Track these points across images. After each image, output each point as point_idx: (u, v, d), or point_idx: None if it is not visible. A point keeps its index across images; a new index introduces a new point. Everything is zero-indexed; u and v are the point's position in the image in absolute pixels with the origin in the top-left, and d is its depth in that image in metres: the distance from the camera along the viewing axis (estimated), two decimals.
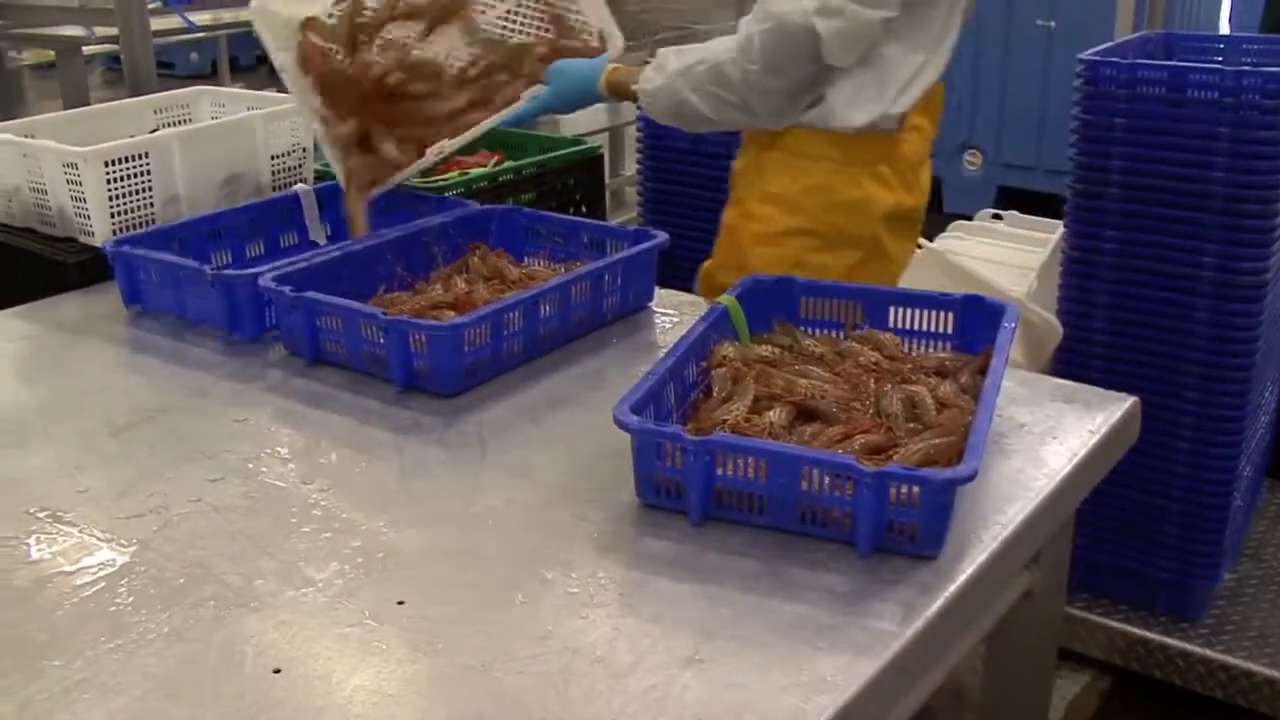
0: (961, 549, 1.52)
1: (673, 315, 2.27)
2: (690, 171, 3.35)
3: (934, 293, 2.03)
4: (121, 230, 2.56)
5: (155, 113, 3.06)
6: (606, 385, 1.99)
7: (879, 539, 1.50)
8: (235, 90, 3.46)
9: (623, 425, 1.55)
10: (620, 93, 2.40)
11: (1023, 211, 4.05)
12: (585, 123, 6.33)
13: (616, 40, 2.55)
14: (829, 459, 1.51)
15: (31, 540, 1.58)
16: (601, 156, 3.27)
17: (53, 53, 5.14)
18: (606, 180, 4.09)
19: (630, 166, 6.32)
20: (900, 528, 1.49)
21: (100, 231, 2.54)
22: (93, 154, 2.51)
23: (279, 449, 1.80)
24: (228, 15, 5.48)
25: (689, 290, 2.42)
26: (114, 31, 3.76)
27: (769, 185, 2.35)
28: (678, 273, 2.47)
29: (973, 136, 5.51)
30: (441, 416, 1.88)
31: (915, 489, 1.47)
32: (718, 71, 2.22)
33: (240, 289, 2.13)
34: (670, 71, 2.28)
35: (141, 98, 3.15)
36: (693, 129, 2.39)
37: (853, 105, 2.22)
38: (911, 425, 1.71)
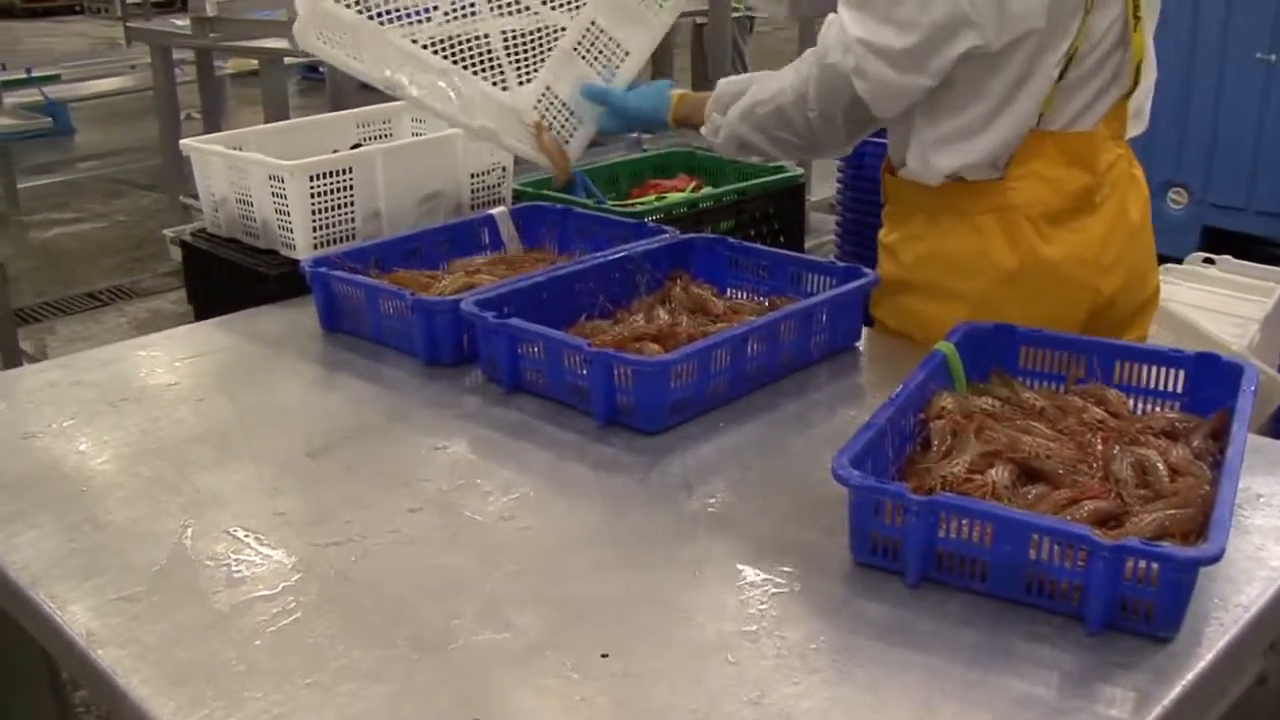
0: (1197, 631, 1.41)
1: (879, 357, 2.18)
2: None
3: (1164, 348, 1.90)
4: (322, 245, 2.57)
5: (358, 126, 3.08)
6: (813, 430, 1.91)
7: (1111, 616, 1.39)
8: None
9: (842, 480, 1.47)
10: (687, 125, 2.46)
11: (1232, 255, 3.86)
12: None
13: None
14: (1062, 528, 1.40)
15: (231, 562, 1.56)
16: (803, 185, 3.19)
17: (254, 62, 5.26)
18: None
19: (819, 191, 6.22)
20: (1134, 605, 1.39)
21: (302, 245, 2.55)
22: (298, 168, 2.52)
23: (477, 481, 1.75)
24: None
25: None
26: None
27: (882, 235, 2.31)
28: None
29: (1179, 173, 5.28)
30: (644, 455, 1.82)
31: (1155, 566, 1.36)
32: (781, 115, 2.19)
33: (440, 314, 2.10)
34: (733, 117, 2.26)
35: (345, 112, 3.17)
36: (758, 160, 2.52)
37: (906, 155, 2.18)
38: (1143, 492, 1.60)
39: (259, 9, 4.89)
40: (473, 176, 2.84)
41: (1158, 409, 1.86)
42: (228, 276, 2.71)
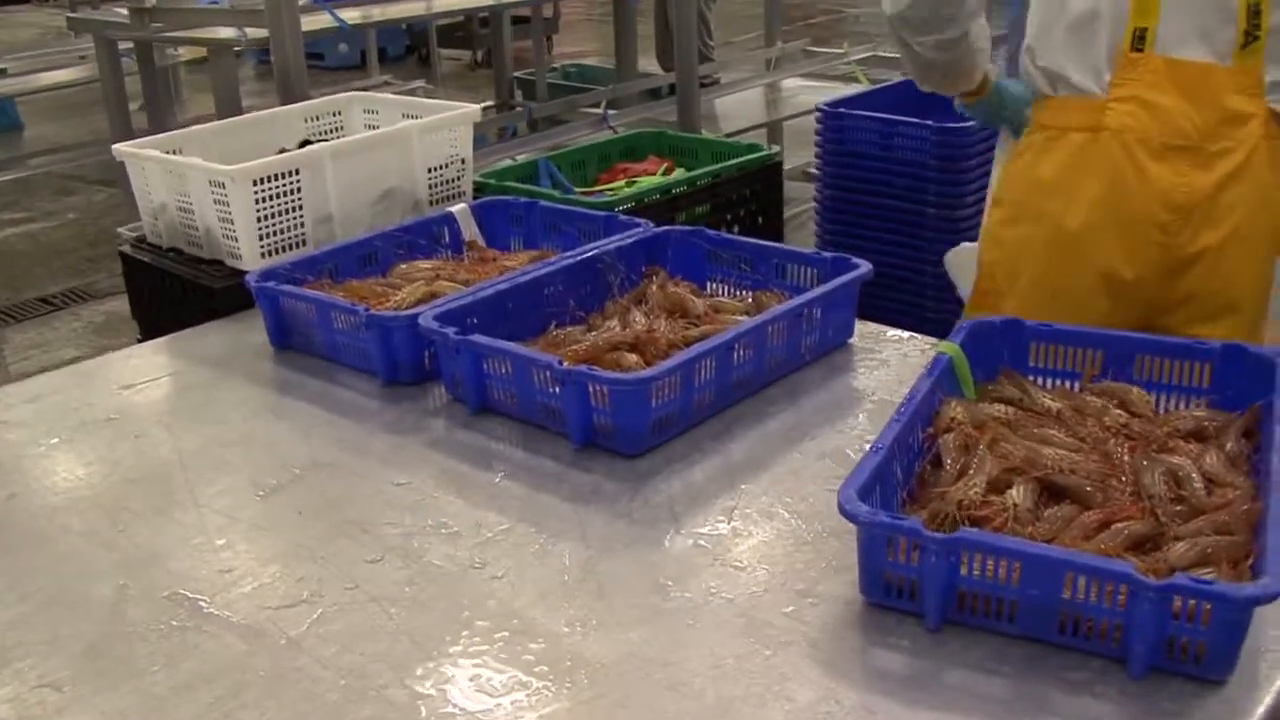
0: (1252, 672, 1.26)
1: (874, 353, 2.02)
2: (877, 179, 3.09)
3: (1187, 340, 1.74)
4: (271, 253, 2.39)
5: (306, 121, 2.90)
6: (808, 443, 1.74)
7: (1156, 659, 1.24)
8: (389, 96, 3.28)
9: (850, 516, 1.31)
10: None
11: None
12: (743, 116, 6.07)
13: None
14: (1101, 565, 1.25)
15: (171, 635, 1.39)
16: (780, 164, 3.02)
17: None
18: None
19: (791, 159, 6.05)
20: (1183, 646, 1.23)
21: (248, 255, 2.37)
22: (241, 173, 2.33)
23: (444, 521, 1.58)
24: (377, 12, 5.34)
25: (869, 317, 2.13)
26: (265, 33, 3.62)
27: None
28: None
29: None
30: (626, 482, 1.65)
31: (1206, 605, 1.21)
32: None
33: (398, 331, 1.92)
34: None
35: (292, 106, 2.98)
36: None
37: None
38: (1178, 508, 1.44)
39: None
40: (430, 171, 2.66)
41: (1181, 405, 1.71)
42: (171, 290, 2.52)
